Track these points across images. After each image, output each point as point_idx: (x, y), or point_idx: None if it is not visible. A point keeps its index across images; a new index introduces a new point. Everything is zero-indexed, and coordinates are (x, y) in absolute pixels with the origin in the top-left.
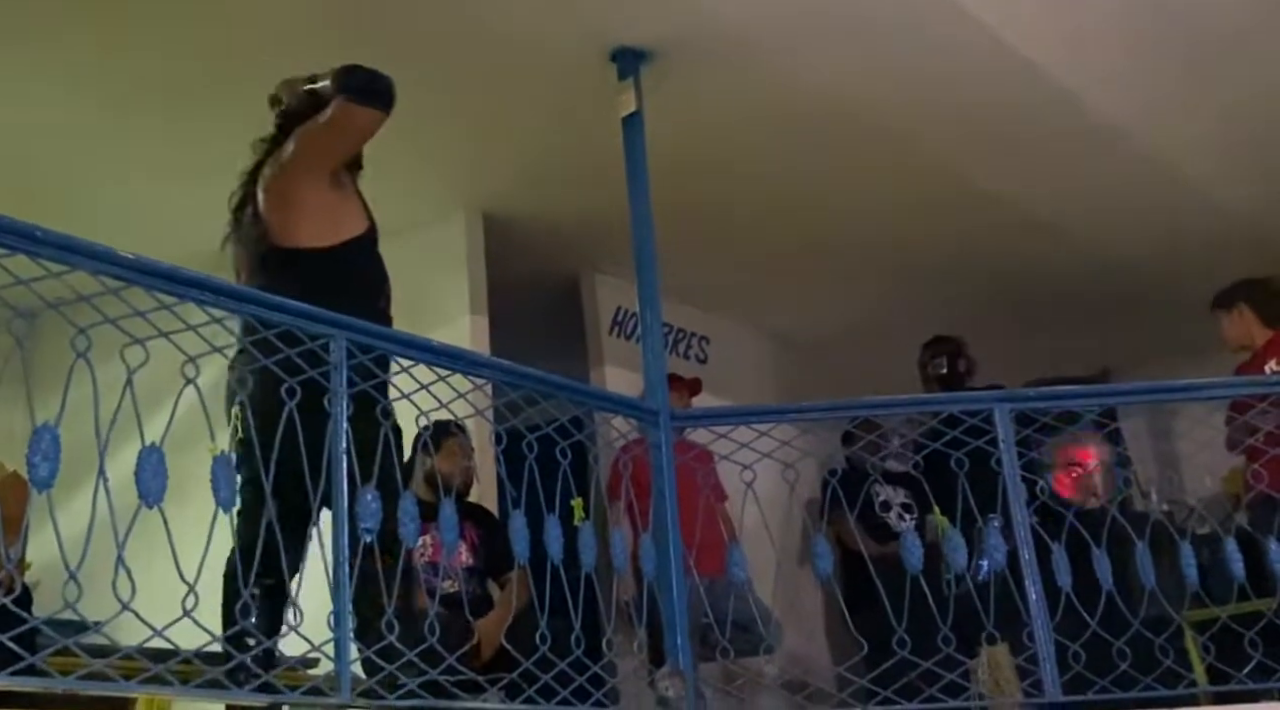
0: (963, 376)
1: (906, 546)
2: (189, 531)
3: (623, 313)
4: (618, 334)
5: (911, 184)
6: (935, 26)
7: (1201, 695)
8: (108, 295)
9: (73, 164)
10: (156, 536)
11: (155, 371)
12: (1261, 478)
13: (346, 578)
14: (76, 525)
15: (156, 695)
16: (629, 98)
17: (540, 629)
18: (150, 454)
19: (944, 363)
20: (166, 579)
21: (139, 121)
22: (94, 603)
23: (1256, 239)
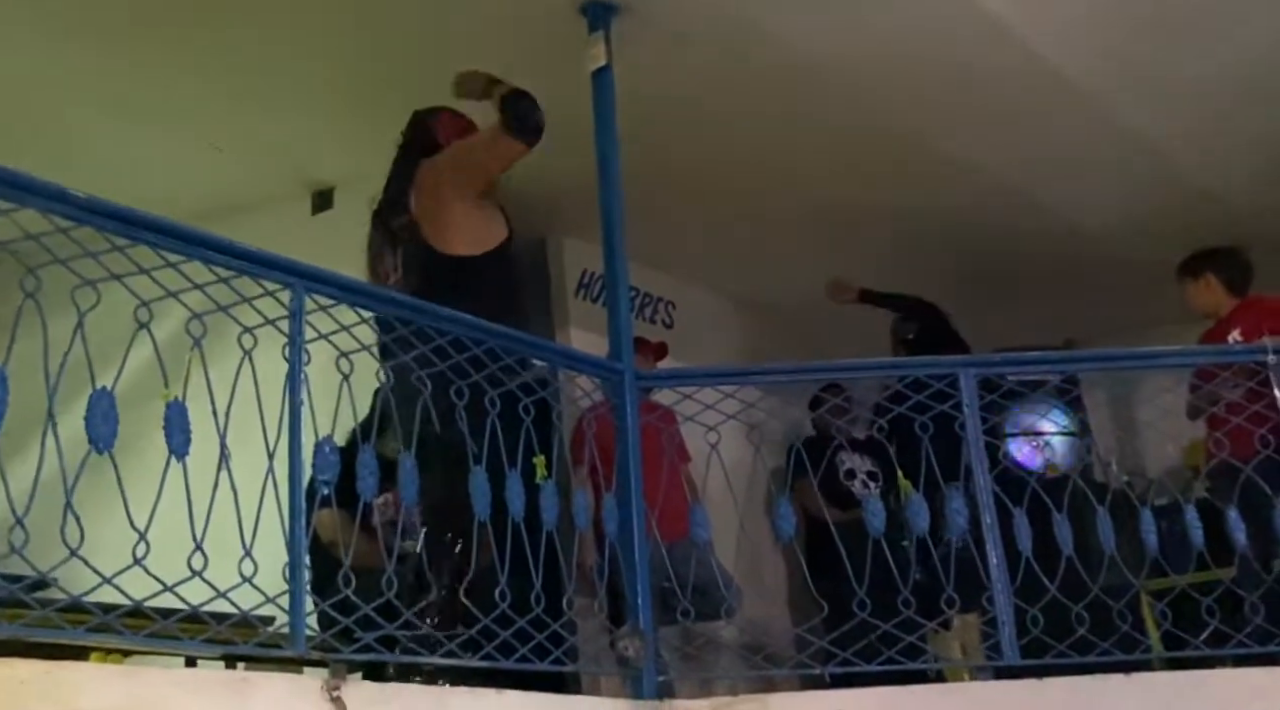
0: (931, 345)
1: (870, 510)
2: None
3: (589, 276)
4: (583, 297)
5: (881, 148)
6: None
7: (1156, 661)
8: (58, 235)
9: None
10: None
11: (114, 319)
12: (1223, 446)
13: (303, 531)
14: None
15: (107, 645)
16: (599, 51)
17: (500, 587)
18: (101, 398)
19: (913, 328)
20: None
21: (96, 59)
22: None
23: (1223, 210)
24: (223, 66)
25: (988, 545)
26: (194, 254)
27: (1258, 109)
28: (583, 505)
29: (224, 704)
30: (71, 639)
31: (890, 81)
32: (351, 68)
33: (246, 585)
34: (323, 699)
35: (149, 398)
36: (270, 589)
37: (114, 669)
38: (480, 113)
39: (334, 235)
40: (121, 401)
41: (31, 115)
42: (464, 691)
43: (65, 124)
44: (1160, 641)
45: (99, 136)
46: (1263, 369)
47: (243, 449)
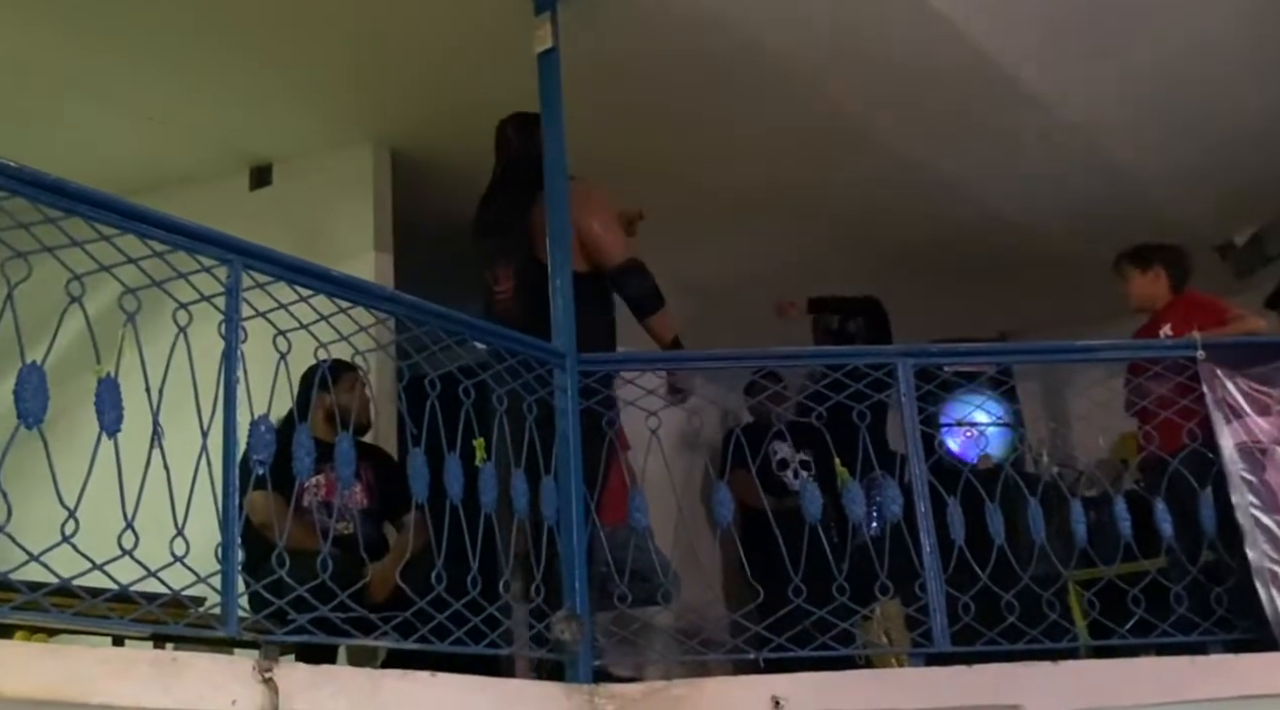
0: (852, 337)
1: (807, 497)
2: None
3: None
4: None
5: (822, 137)
6: None
7: (1083, 649)
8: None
9: None
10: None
11: (44, 292)
12: (1153, 439)
13: (236, 511)
14: None
15: (34, 623)
16: (545, 33)
17: (437, 569)
18: (31, 373)
19: (835, 320)
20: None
21: (28, 31)
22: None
23: (1156, 207)
24: (160, 39)
25: (921, 533)
26: (129, 227)
27: (1188, 105)
28: (522, 489)
29: (153, 684)
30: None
31: (833, 71)
32: (293, 44)
33: (177, 565)
34: (255, 680)
35: (80, 373)
36: (202, 569)
37: (40, 648)
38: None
39: (272, 212)
40: (52, 376)
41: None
42: (397, 674)
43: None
44: (1086, 630)
45: (31, 108)
46: (1192, 364)
47: (176, 427)
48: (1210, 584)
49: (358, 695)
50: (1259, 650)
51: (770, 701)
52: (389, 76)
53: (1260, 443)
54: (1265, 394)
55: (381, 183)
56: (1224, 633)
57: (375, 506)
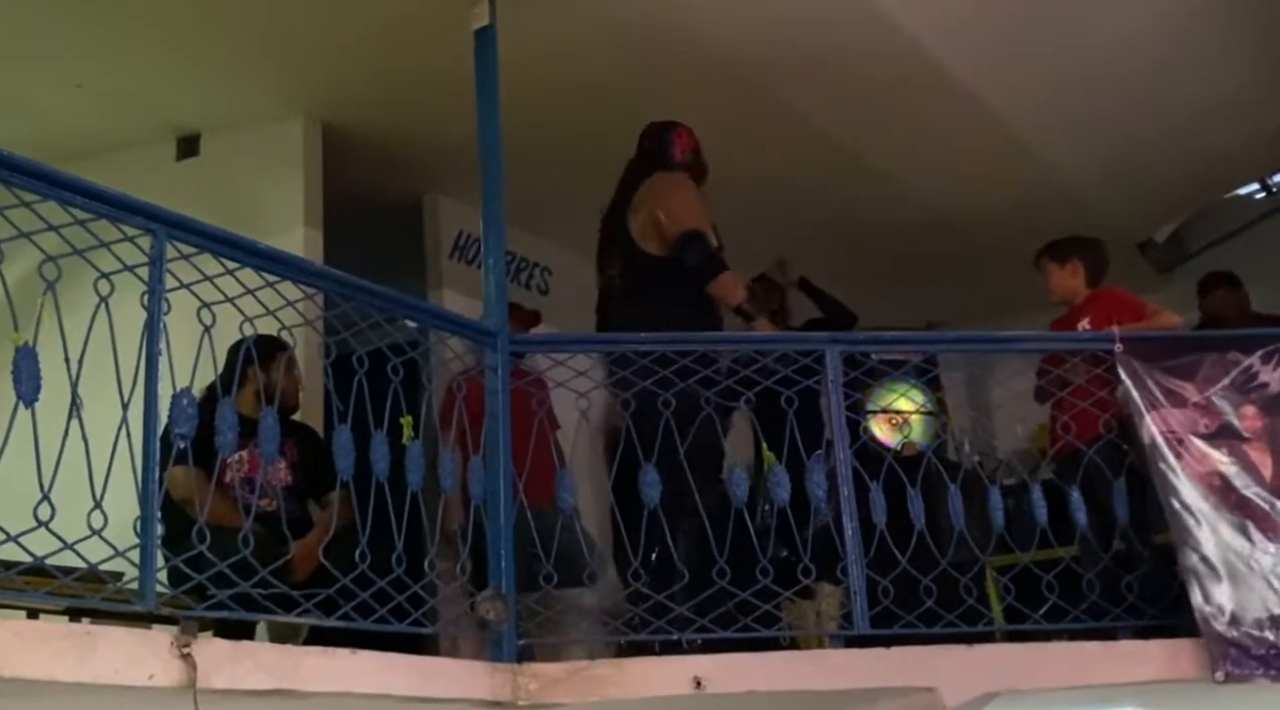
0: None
1: (734, 481)
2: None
3: (464, 237)
4: (458, 259)
5: (755, 122)
6: None
7: (998, 633)
8: None
9: None
10: None
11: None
12: (1070, 429)
13: (156, 485)
14: None
15: None
16: (482, 10)
17: (360, 547)
18: None
19: (777, 300)
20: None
21: None
22: None
23: (1081, 202)
24: (90, 4)
25: (844, 517)
26: (50, 194)
27: (1112, 103)
28: (450, 468)
29: (67, 657)
30: None
31: (769, 56)
32: (224, 13)
33: (95, 538)
34: (172, 655)
35: None
36: (120, 544)
37: None
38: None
39: (199, 183)
40: None
41: None
42: (317, 651)
43: None
44: (1002, 614)
45: None
46: (1110, 357)
47: (95, 399)
48: (1121, 571)
49: (278, 672)
50: (1168, 636)
51: (692, 681)
52: (321, 48)
53: (1176, 433)
54: (1180, 387)
55: (312, 156)
56: (1134, 619)
57: (299, 484)
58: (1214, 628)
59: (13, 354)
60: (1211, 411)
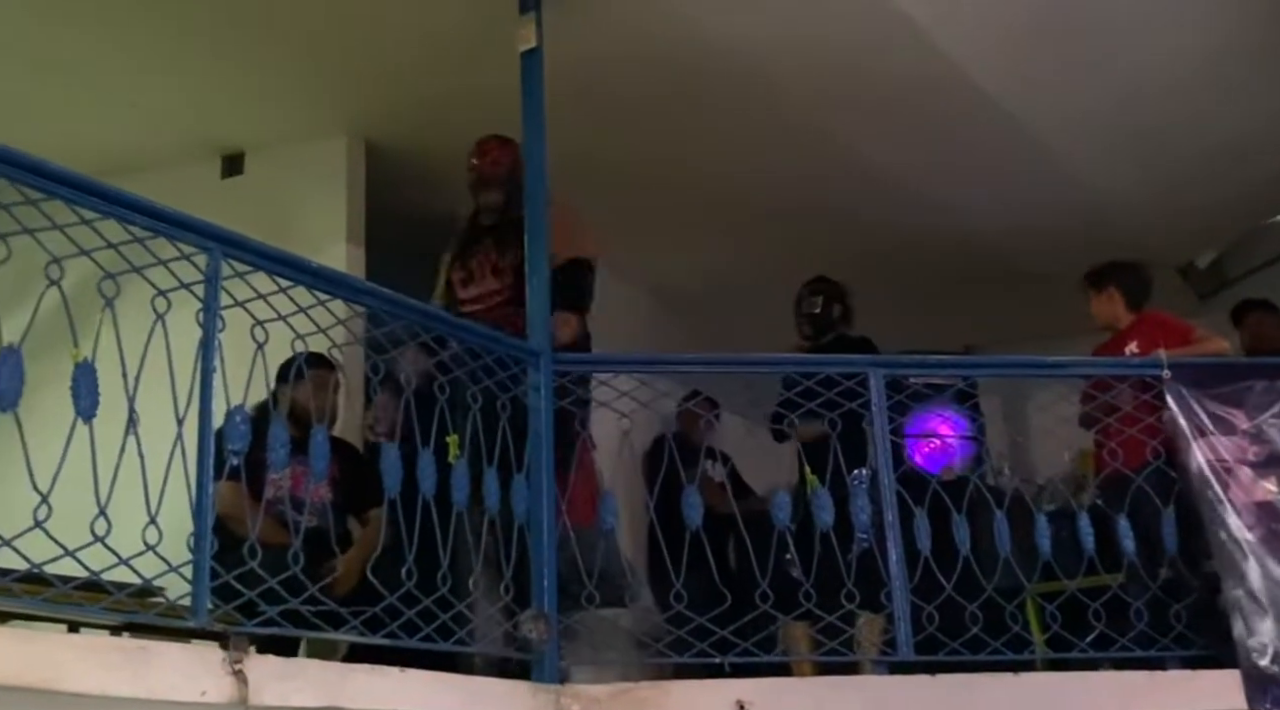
0: (836, 322)
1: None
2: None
3: None
4: None
5: (794, 146)
6: None
7: (1040, 661)
8: None
9: None
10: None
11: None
12: (1117, 456)
13: (209, 501)
14: None
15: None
16: (529, 32)
17: (407, 565)
18: (8, 356)
19: (818, 302)
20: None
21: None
22: None
23: (1122, 226)
24: (138, 24)
25: (888, 543)
26: (110, 212)
27: (1153, 130)
28: (494, 488)
29: (122, 673)
30: None
31: (810, 81)
32: (270, 33)
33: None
34: (224, 672)
35: (45, 355)
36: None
37: (7, 633)
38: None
39: (243, 200)
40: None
41: None
42: (365, 668)
43: None
44: (1044, 642)
45: (6, 89)
46: (1157, 383)
47: (147, 414)
48: (1169, 600)
49: (326, 688)
50: (1216, 667)
51: (735, 705)
52: (365, 68)
53: (1225, 461)
54: (1230, 414)
55: (355, 174)
56: (1182, 649)
57: (339, 501)
58: (1256, 663)
59: (66, 368)
60: (1261, 439)
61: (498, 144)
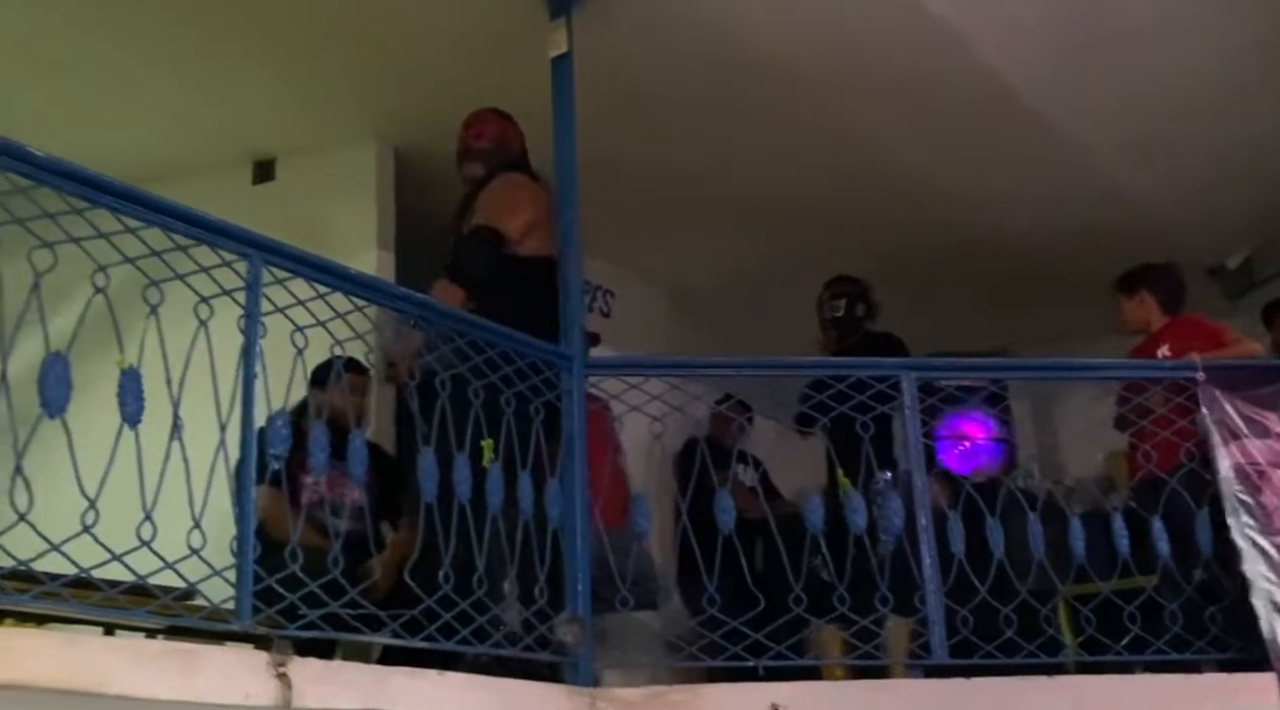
0: (860, 320)
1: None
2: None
3: None
4: None
5: (822, 147)
6: None
7: (1072, 664)
8: (17, 194)
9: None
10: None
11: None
12: (1151, 458)
13: (251, 506)
14: None
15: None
16: (560, 38)
17: (444, 568)
18: (55, 363)
19: (841, 305)
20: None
21: (35, 19)
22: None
23: (1151, 226)
24: (169, 32)
25: (922, 546)
26: (154, 220)
27: (1184, 131)
28: (528, 489)
29: (169, 676)
30: (19, 605)
31: (840, 81)
32: (300, 40)
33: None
34: (269, 675)
35: (81, 360)
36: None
37: (56, 637)
38: None
39: (274, 207)
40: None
41: None
42: (405, 671)
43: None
44: (1075, 645)
45: (40, 97)
46: (1191, 385)
47: (188, 420)
48: (1205, 603)
49: (367, 691)
50: (1252, 670)
51: (769, 709)
52: (395, 74)
53: (1258, 464)
54: (1263, 417)
55: (385, 180)
56: (1218, 652)
57: (370, 504)
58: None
59: (103, 373)
60: None
61: (485, 116)
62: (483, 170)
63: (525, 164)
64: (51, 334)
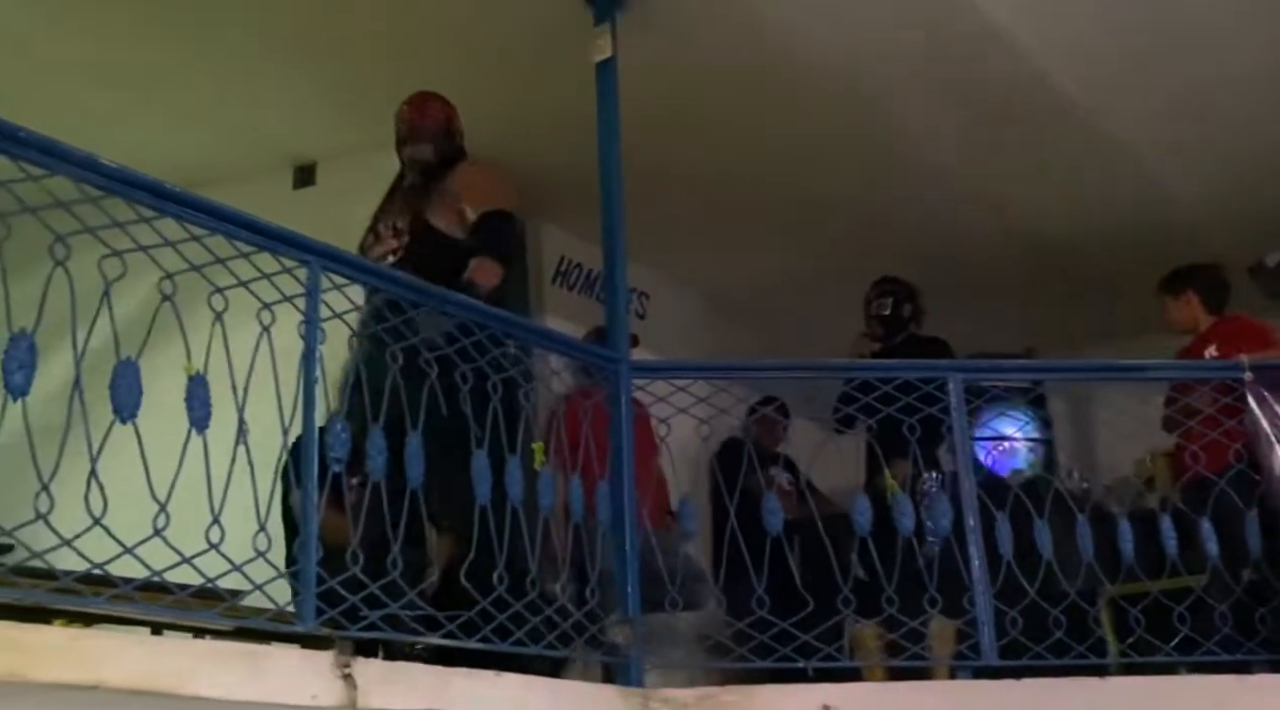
0: (906, 321)
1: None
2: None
3: (567, 263)
4: (560, 284)
5: (861, 148)
6: None
7: (1114, 666)
8: (87, 204)
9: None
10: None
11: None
12: (1199, 459)
13: (314, 508)
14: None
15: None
16: (605, 43)
17: (499, 570)
18: (126, 369)
19: (888, 304)
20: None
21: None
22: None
23: (1190, 225)
24: (211, 40)
25: (970, 548)
26: (219, 227)
27: (1238, 130)
28: (579, 492)
29: (241, 677)
30: (94, 607)
31: (881, 82)
32: (341, 45)
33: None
34: (334, 676)
35: None
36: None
37: (134, 640)
38: None
39: (315, 211)
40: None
41: (13, 84)
42: (464, 672)
43: (46, 93)
44: (1118, 645)
45: (89, 106)
46: (1239, 386)
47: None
48: (1254, 604)
49: (428, 692)
50: None
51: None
52: (437, 79)
53: None
54: None
55: None
56: (1269, 653)
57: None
58: None
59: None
60: None
61: (431, 98)
62: (432, 153)
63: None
64: (106, 340)
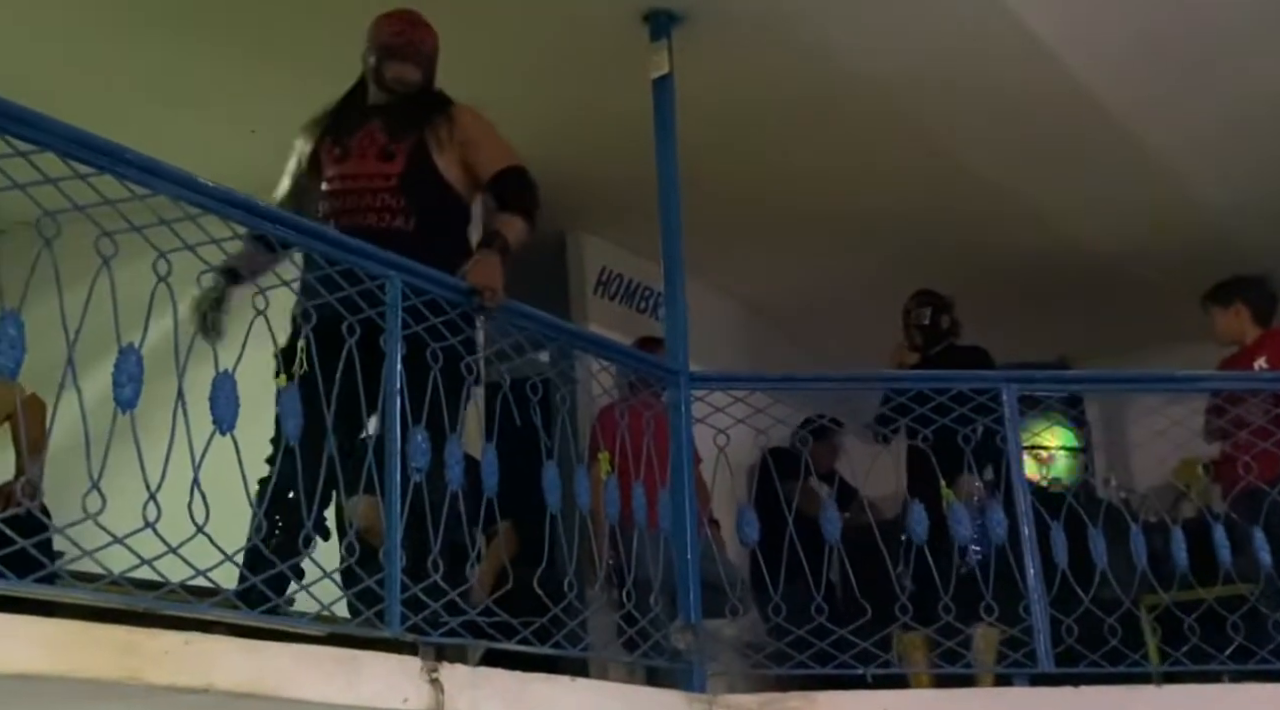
0: (945, 333)
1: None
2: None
3: (607, 273)
4: (602, 294)
5: (903, 160)
6: (961, 6)
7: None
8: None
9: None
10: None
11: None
12: (1251, 469)
13: (399, 516)
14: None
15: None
16: (662, 59)
17: (568, 577)
18: (224, 381)
19: (927, 314)
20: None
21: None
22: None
23: (1226, 236)
24: (255, 51)
25: (1025, 557)
26: (300, 242)
27: (1265, 142)
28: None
29: (337, 681)
30: (202, 614)
31: (928, 96)
32: None
33: None
34: (423, 680)
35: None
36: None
37: (240, 644)
38: None
39: None
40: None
41: (70, 97)
42: (541, 677)
43: (100, 105)
44: (1158, 654)
45: (148, 119)
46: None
47: None
48: None
49: (509, 696)
50: None
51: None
52: (491, 93)
53: None
54: None
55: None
56: None
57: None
58: None
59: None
60: None
61: (423, 20)
62: (419, 77)
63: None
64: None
